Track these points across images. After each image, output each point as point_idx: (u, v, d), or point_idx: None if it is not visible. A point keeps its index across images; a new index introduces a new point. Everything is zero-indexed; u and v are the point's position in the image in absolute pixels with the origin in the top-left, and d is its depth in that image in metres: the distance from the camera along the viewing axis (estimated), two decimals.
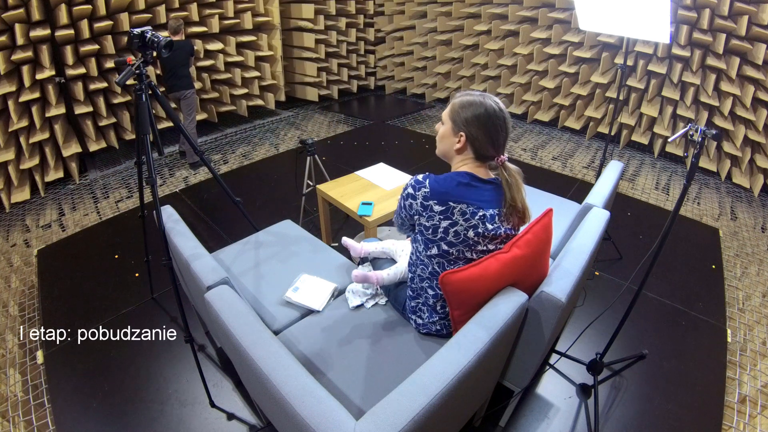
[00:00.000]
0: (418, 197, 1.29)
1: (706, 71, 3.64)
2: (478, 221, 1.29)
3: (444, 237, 1.30)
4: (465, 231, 1.29)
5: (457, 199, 1.27)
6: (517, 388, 1.63)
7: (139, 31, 1.62)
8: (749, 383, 1.92)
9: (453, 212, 1.27)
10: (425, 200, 1.28)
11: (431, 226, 1.30)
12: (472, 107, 1.29)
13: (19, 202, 3.39)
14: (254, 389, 1.37)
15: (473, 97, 1.30)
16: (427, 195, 1.27)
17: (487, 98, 1.30)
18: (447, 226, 1.29)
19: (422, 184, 1.29)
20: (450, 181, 1.28)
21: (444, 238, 1.31)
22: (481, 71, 5.14)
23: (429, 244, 1.34)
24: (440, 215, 1.28)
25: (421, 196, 1.28)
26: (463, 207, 1.27)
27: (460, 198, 1.27)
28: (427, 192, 1.28)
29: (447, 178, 1.30)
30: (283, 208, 3.25)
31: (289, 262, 1.95)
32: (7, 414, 1.77)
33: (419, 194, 1.29)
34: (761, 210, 3.43)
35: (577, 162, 4.16)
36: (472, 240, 1.31)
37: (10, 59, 3.10)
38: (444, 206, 1.27)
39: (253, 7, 4.63)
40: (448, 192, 1.27)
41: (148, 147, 1.68)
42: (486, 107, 1.28)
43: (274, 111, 5.44)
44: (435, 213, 1.28)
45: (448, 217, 1.28)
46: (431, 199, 1.27)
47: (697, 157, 1.39)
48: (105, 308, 2.31)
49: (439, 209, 1.27)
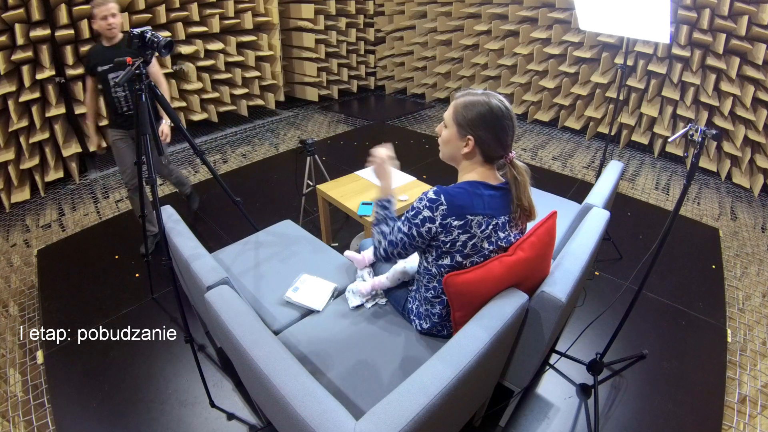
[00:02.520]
0: (437, 218, 1.20)
1: (706, 71, 3.63)
2: (492, 230, 1.26)
3: (461, 250, 1.26)
4: (480, 242, 1.26)
5: (474, 212, 1.21)
6: (517, 388, 1.63)
7: (138, 31, 1.62)
8: (749, 383, 1.92)
9: (471, 225, 1.22)
10: (444, 219, 1.20)
11: (449, 241, 1.24)
12: (476, 107, 1.21)
13: (19, 202, 3.39)
14: (254, 389, 1.37)
15: (476, 97, 1.23)
16: (446, 213, 1.20)
17: (491, 97, 1.23)
18: (465, 240, 1.24)
19: (438, 201, 1.19)
20: (465, 195, 1.22)
21: (461, 250, 1.26)
22: (481, 71, 5.14)
23: (442, 255, 1.29)
24: (458, 230, 1.22)
25: (440, 216, 1.20)
26: (479, 219, 1.23)
27: (477, 210, 1.22)
28: (445, 209, 1.19)
29: (462, 191, 1.22)
30: (283, 208, 3.25)
31: (289, 262, 1.94)
32: (7, 414, 1.77)
33: (437, 214, 1.20)
34: (761, 210, 3.43)
35: (577, 162, 4.16)
36: (486, 251, 1.28)
37: (10, 59, 3.09)
38: (462, 220, 1.21)
39: (254, 7, 4.63)
40: (464, 205, 1.20)
41: (148, 147, 1.68)
42: (491, 106, 1.21)
43: (274, 111, 5.44)
44: (454, 228, 1.22)
45: (467, 231, 1.22)
46: (450, 216, 1.20)
47: (697, 157, 1.39)
48: (105, 308, 2.31)
49: (458, 224, 1.21)
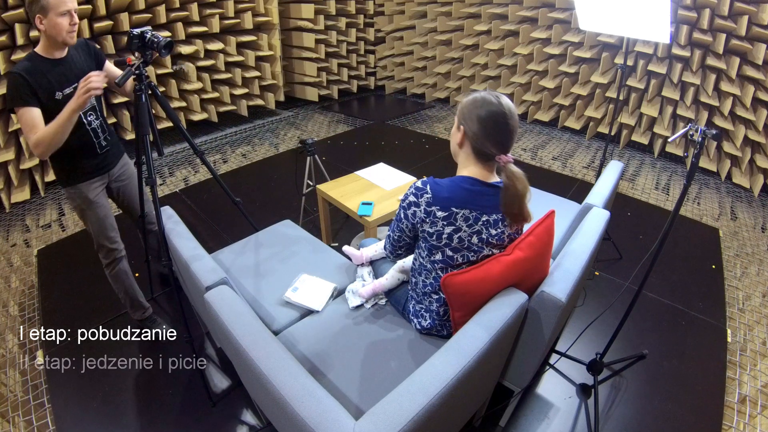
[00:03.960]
0: (421, 204, 1.26)
1: (706, 71, 3.63)
2: (482, 227, 1.27)
3: (448, 243, 1.28)
4: (469, 237, 1.27)
5: (459, 205, 1.24)
6: (517, 388, 1.63)
7: (138, 32, 1.61)
8: (749, 383, 1.92)
9: (456, 218, 1.25)
10: (428, 206, 1.25)
11: (435, 233, 1.27)
12: (475, 102, 1.25)
13: (19, 202, 3.39)
14: (254, 389, 1.37)
15: (481, 95, 1.26)
16: (430, 201, 1.24)
17: (497, 97, 1.24)
18: (451, 232, 1.26)
19: (423, 190, 1.25)
20: (452, 186, 1.26)
21: (449, 244, 1.28)
22: (481, 71, 5.14)
23: (433, 250, 1.32)
24: (443, 221, 1.25)
25: (425, 202, 1.25)
26: (466, 212, 1.24)
27: (463, 203, 1.24)
28: (430, 197, 1.24)
29: (449, 182, 1.27)
30: (283, 208, 3.25)
31: (289, 262, 1.94)
32: (7, 414, 1.77)
33: (422, 201, 1.25)
34: (761, 210, 3.43)
35: (577, 162, 4.16)
36: (476, 246, 1.29)
37: (10, 59, 3.09)
38: (447, 212, 1.24)
39: (254, 7, 4.63)
40: (450, 197, 1.24)
41: (148, 147, 1.68)
42: (488, 102, 1.23)
43: (274, 111, 5.44)
44: (438, 219, 1.25)
45: (451, 223, 1.25)
46: (434, 205, 1.24)
47: (697, 157, 1.39)
48: (105, 308, 2.31)
49: (442, 215, 1.24)
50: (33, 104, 1.54)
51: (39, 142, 1.52)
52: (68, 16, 1.54)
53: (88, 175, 1.80)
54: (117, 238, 1.94)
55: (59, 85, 1.61)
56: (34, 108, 1.54)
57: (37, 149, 1.55)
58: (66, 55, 1.65)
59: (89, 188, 1.80)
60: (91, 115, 1.76)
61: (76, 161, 1.76)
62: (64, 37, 1.56)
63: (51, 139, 1.52)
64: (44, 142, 1.53)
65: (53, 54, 1.61)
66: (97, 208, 1.84)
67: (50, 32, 1.54)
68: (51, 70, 1.59)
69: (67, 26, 1.55)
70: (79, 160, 1.76)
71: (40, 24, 1.52)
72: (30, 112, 1.53)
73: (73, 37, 1.60)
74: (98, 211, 1.84)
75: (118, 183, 1.96)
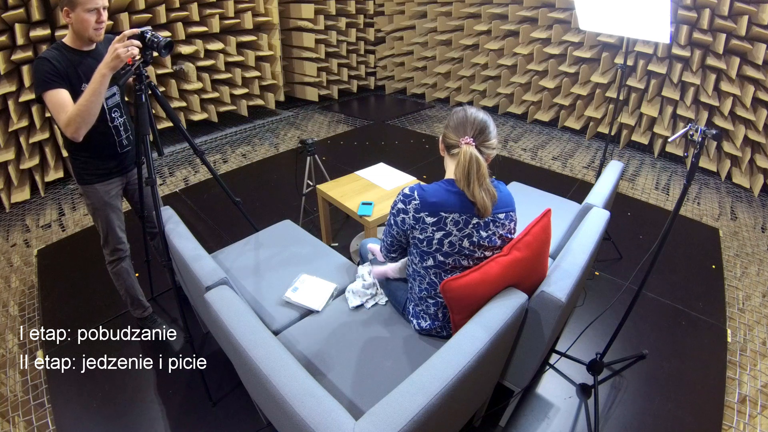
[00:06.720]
0: (410, 210, 1.28)
1: (706, 71, 3.63)
2: (473, 230, 1.28)
3: (439, 248, 1.30)
4: (460, 241, 1.28)
5: (448, 209, 1.26)
6: (517, 388, 1.63)
7: (138, 31, 1.62)
8: (749, 383, 1.92)
9: (446, 222, 1.26)
10: (416, 212, 1.27)
11: (425, 239, 1.29)
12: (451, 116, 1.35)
13: (19, 202, 3.39)
14: (254, 389, 1.37)
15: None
16: (418, 207, 1.27)
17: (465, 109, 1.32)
18: (441, 237, 1.28)
19: (411, 196, 1.28)
20: (439, 191, 1.28)
21: (439, 249, 1.30)
22: (481, 71, 5.14)
23: (424, 256, 1.34)
24: (433, 227, 1.27)
25: (413, 209, 1.28)
26: (455, 216, 1.26)
27: (452, 207, 1.26)
28: (418, 204, 1.27)
29: (437, 188, 1.29)
30: (283, 208, 3.25)
31: (289, 262, 1.95)
32: (7, 414, 1.77)
33: (410, 207, 1.28)
34: (761, 210, 3.43)
35: (577, 162, 4.16)
36: (468, 249, 1.30)
37: (10, 59, 3.09)
38: (436, 217, 1.26)
39: (254, 7, 4.63)
40: (438, 202, 1.26)
41: (148, 147, 1.68)
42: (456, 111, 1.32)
43: (274, 111, 5.44)
44: (428, 225, 1.27)
45: (441, 228, 1.27)
46: (422, 211, 1.27)
47: (697, 157, 1.39)
48: (105, 308, 2.31)
49: (431, 221, 1.26)
50: (61, 86, 1.51)
51: (70, 120, 1.47)
52: (96, 13, 1.53)
53: (106, 176, 1.80)
54: (124, 239, 1.95)
55: (86, 77, 1.56)
56: (62, 89, 1.50)
57: (69, 128, 1.49)
58: (94, 48, 1.64)
59: (105, 189, 1.81)
60: (115, 111, 1.74)
61: (96, 159, 1.75)
62: (90, 33, 1.55)
63: (83, 112, 1.47)
64: (76, 119, 1.47)
65: (81, 46, 1.61)
66: (109, 210, 1.84)
67: (76, 27, 1.54)
68: (78, 61, 1.58)
69: (94, 23, 1.54)
70: (99, 159, 1.76)
71: (67, 17, 1.51)
72: (58, 94, 1.50)
73: (100, 35, 1.59)
74: (110, 213, 1.85)
75: (134, 186, 1.96)
